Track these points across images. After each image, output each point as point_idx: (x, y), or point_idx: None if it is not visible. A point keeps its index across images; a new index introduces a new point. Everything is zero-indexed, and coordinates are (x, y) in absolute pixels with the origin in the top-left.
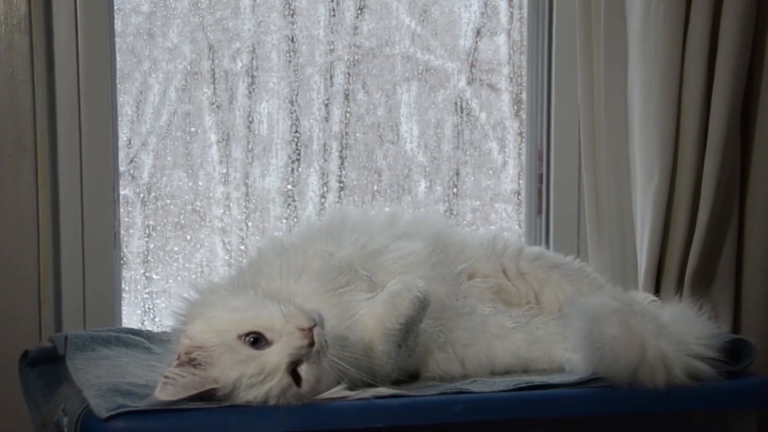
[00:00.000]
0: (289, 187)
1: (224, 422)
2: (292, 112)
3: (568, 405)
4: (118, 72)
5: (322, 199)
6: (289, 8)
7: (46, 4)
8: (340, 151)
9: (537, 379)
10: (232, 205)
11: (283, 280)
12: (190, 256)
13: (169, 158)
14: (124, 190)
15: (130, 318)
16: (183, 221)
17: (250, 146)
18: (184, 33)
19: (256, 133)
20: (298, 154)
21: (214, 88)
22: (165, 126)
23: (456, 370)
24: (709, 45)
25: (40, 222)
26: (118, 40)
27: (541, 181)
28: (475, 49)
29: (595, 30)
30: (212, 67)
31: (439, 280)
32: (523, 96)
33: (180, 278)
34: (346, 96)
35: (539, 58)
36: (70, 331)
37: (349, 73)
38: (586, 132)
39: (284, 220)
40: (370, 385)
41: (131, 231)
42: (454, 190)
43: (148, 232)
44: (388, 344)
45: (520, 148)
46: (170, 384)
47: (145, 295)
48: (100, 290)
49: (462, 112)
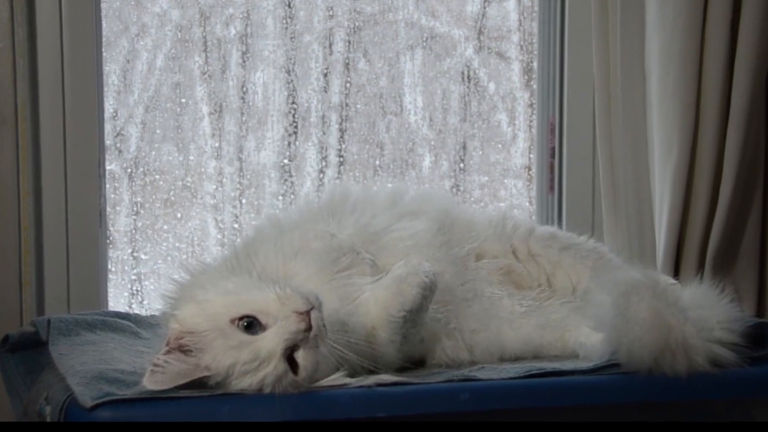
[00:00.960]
0: (286, 161)
1: (217, 411)
2: (288, 82)
3: (583, 393)
4: (104, 39)
5: (321, 175)
6: None
7: None
8: (340, 124)
9: (549, 366)
10: (225, 180)
11: (280, 262)
12: (181, 235)
13: (158, 131)
14: (110, 165)
15: (117, 301)
16: (173, 198)
17: (244, 118)
18: None
19: (251, 104)
20: (296, 127)
21: (206, 57)
22: (154, 97)
23: (464, 356)
24: (732, 11)
25: (21, 199)
26: (103, 5)
27: (553, 156)
28: (483, 15)
29: None
30: (204, 34)
31: (445, 262)
32: (534, 65)
33: (169, 258)
34: (346, 65)
35: (551, 24)
36: (53, 315)
37: (350, 41)
38: (601, 103)
39: (280, 197)
40: (372, 372)
41: (118, 208)
42: (461, 165)
43: (135, 209)
44: (392, 332)
45: (530, 121)
46: (159, 372)
47: (133, 277)
48: (84, 271)
49: (469, 82)
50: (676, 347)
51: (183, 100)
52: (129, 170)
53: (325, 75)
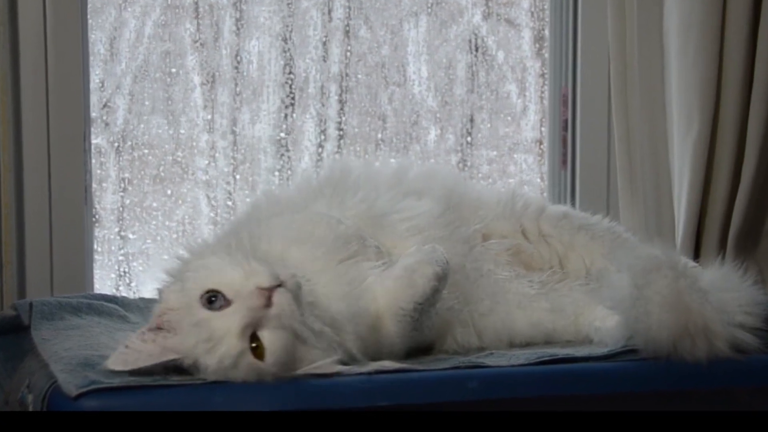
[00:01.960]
0: (282, 135)
1: (209, 400)
2: (285, 51)
3: (597, 381)
4: (90, 5)
5: (319, 149)
6: None
7: None
8: (340, 95)
9: (561, 352)
10: (217, 155)
11: (282, 245)
12: (171, 213)
13: (147, 103)
14: (96, 139)
15: (103, 283)
16: (162, 174)
17: (238, 89)
18: None
19: (245, 74)
20: (293, 99)
21: (198, 24)
22: (142, 66)
23: (473, 342)
24: None
25: (1, 175)
26: None
27: (565, 129)
28: None
29: None
30: None
31: (451, 243)
32: (546, 32)
33: (159, 238)
34: (347, 32)
35: None
36: (36, 298)
37: (350, 7)
38: (617, 74)
39: (276, 173)
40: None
41: (104, 185)
42: (468, 139)
43: (123, 185)
44: (401, 325)
45: (542, 92)
46: (127, 352)
47: (120, 257)
48: (69, 252)
49: (477, 50)
50: (695, 331)
51: (173, 70)
52: (116, 144)
53: (324, 43)
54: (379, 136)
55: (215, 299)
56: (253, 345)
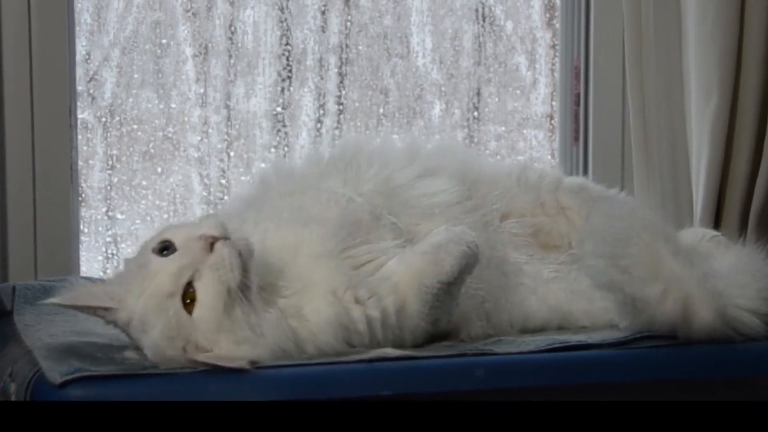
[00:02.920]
0: (279, 109)
1: (201, 389)
2: (282, 21)
3: (610, 369)
4: None
5: (318, 125)
6: None
7: None
8: (340, 67)
9: (573, 339)
10: (210, 131)
11: (290, 228)
12: (161, 192)
13: (136, 76)
14: (83, 114)
15: (90, 265)
16: (152, 150)
17: (232, 61)
18: None
19: (240, 45)
20: (290, 71)
21: None
22: (131, 37)
23: (483, 328)
24: None
25: None
26: None
27: (578, 103)
28: None
29: None
30: None
31: (476, 226)
32: (557, 1)
33: (149, 218)
34: (347, 1)
35: None
36: (19, 282)
37: None
38: (632, 44)
39: (272, 149)
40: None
41: (91, 162)
42: (475, 114)
43: (110, 163)
44: (423, 303)
45: (553, 64)
46: (78, 291)
47: (108, 239)
48: (53, 233)
49: (484, 20)
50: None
51: (164, 41)
52: (103, 119)
53: (323, 12)
54: (381, 110)
55: (167, 250)
56: (186, 301)
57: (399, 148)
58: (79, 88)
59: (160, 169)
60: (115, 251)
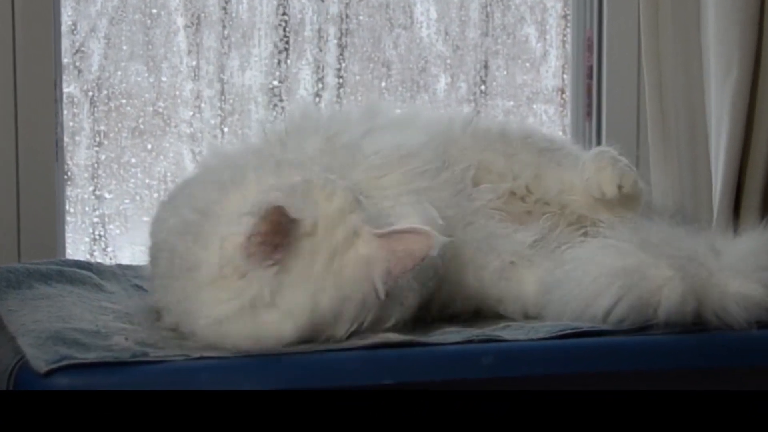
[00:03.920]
0: (275, 83)
1: (194, 378)
2: None
3: (626, 356)
4: None
5: (317, 99)
6: None
7: None
8: (339, 39)
9: (585, 324)
10: (203, 105)
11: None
12: (151, 170)
13: (125, 47)
14: (69, 88)
15: (76, 248)
16: (142, 126)
17: (226, 32)
18: None
19: (234, 15)
20: (287, 43)
21: None
22: (119, 7)
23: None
24: None
25: None
26: None
27: (590, 76)
28: None
29: None
30: None
31: (446, 193)
32: None
33: (138, 198)
34: None
35: None
36: (1, 265)
37: None
38: (647, 14)
39: (269, 125)
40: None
41: (77, 138)
42: (482, 88)
43: (98, 139)
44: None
45: (564, 35)
46: None
47: (95, 219)
48: (38, 213)
49: None
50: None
51: (154, 11)
52: (90, 93)
53: None
54: (383, 84)
55: None
56: None
57: (356, 112)
58: (65, 61)
59: (150, 146)
60: (102, 232)
